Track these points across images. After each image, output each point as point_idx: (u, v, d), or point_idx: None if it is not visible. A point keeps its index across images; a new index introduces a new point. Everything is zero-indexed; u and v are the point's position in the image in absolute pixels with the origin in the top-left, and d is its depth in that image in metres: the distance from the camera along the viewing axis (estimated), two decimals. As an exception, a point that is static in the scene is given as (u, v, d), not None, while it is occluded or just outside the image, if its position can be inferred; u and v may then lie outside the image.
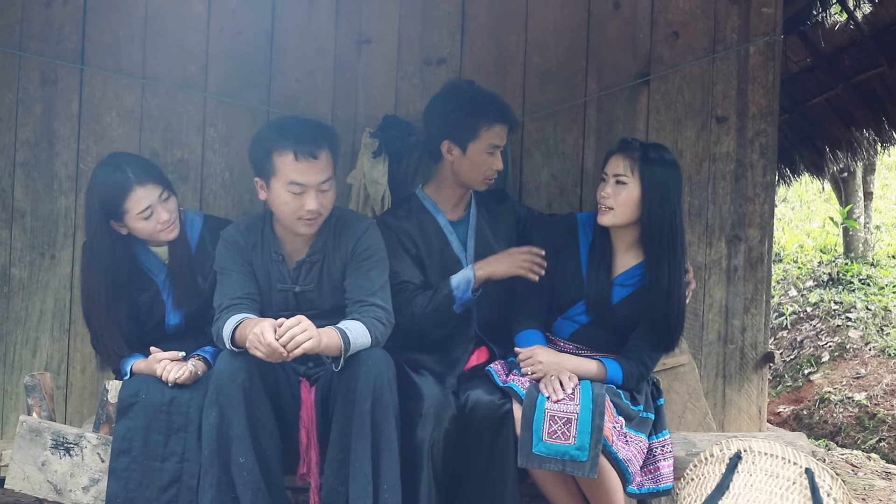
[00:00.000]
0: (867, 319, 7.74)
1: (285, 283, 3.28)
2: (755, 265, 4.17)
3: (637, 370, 3.29)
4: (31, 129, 4.00)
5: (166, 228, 3.29)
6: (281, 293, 3.28)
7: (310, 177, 3.10)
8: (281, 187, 3.12)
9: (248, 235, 3.29)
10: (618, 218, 3.27)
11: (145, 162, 3.39)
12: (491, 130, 3.39)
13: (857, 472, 5.23)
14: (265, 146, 3.15)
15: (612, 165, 3.30)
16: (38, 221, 4.01)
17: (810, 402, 6.93)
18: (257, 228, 3.31)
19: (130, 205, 3.23)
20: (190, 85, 4.03)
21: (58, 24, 4.00)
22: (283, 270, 3.29)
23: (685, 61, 4.16)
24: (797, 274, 9.32)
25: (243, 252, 3.26)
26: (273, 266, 3.28)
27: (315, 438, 3.15)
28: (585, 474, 2.98)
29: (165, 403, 3.06)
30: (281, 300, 3.29)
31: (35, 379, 3.24)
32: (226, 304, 3.15)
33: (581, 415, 2.99)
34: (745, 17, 4.18)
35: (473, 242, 3.57)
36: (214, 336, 3.13)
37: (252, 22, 4.05)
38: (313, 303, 3.27)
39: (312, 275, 3.28)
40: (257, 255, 3.28)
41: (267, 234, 3.29)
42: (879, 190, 11.53)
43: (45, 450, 3.11)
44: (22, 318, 4.02)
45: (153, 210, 3.25)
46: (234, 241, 3.27)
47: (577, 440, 2.98)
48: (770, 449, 3.02)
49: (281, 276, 3.29)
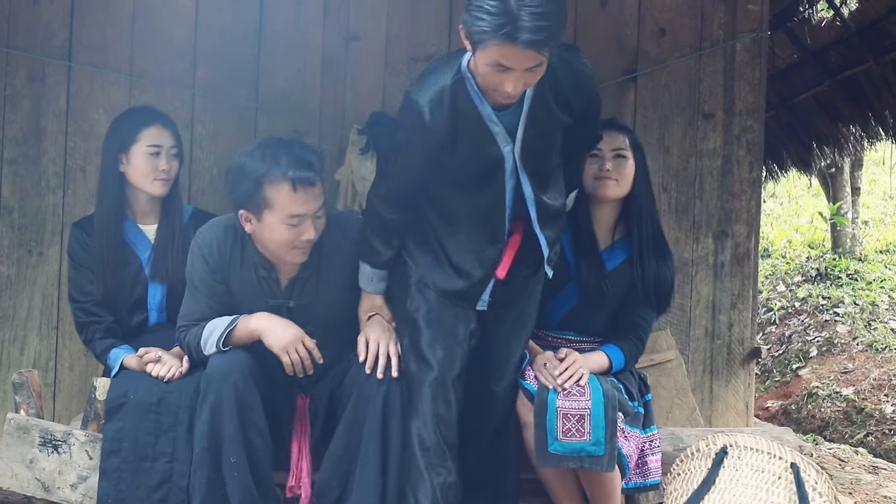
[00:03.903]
0: (855, 314, 7.78)
1: (277, 299, 3.07)
2: (742, 261, 4.19)
3: (635, 347, 3.31)
4: (19, 125, 4.00)
5: (160, 179, 3.32)
6: (272, 308, 3.06)
7: (309, 206, 2.88)
8: (277, 221, 2.89)
9: (226, 241, 3.06)
10: (622, 189, 3.30)
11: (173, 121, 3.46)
12: None
13: (844, 466, 5.25)
14: (255, 178, 2.87)
15: (609, 142, 3.34)
16: (25, 218, 4.01)
17: (798, 396, 6.96)
18: (237, 235, 3.06)
19: (144, 135, 3.29)
20: (178, 82, 4.02)
21: (45, 21, 3.99)
22: (272, 286, 3.07)
23: (672, 58, 4.18)
24: (785, 269, 9.35)
25: (217, 267, 3.05)
26: (260, 281, 3.07)
27: (307, 450, 3.12)
28: (604, 468, 2.98)
29: (154, 404, 3.05)
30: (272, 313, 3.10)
31: (23, 376, 3.24)
32: (183, 324, 3.09)
33: (594, 409, 2.99)
34: (732, 14, 4.20)
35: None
36: (185, 348, 3.09)
37: (240, 19, 4.05)
38: (310, 316, 3.06)
39: (308, 289, 3.08)
40: (236, 266, 3.06)
41: (249, 248, 3.05)
42: (867, 185, 11.57)
43: (33, 447, 3.10)
44: (10, 315, 4.02)
45: (160, 153, 3.30)
46: (209, 253, 3.05)
47: (593, 435, 2.98)
48: (756, 444, 3.03)
49: (271, 290, 3.07)
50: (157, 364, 3.15)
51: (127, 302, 3.39)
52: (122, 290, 3.38)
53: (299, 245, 2.93)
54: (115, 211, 3.34)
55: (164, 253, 3.37)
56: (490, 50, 2.49)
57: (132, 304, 3.40)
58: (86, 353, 3.95)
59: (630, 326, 3.34)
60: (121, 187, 3.34)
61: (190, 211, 3.51)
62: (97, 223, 3.36)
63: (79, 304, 3.37)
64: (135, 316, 3.41)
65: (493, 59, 2.51)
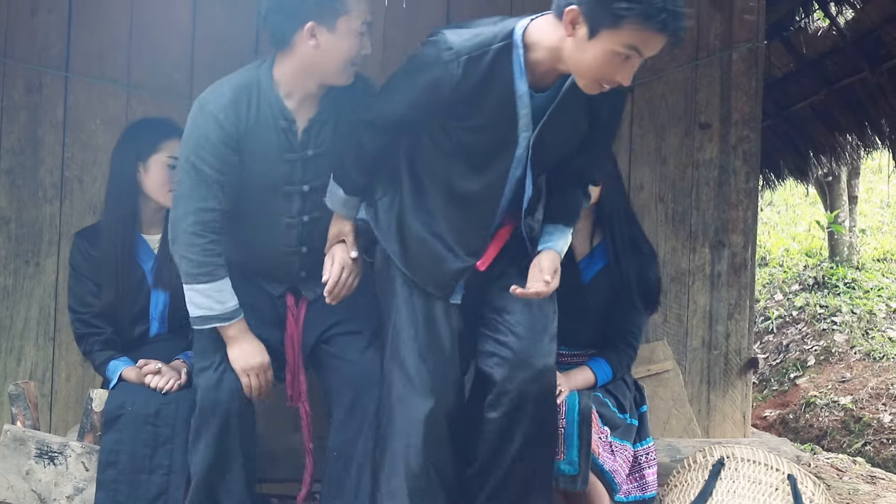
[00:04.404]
0: (852, 323, 7.79)
1: (294, 152, 2.93)
2: (739, 271, 4.19)
3: (626, 355, 3.32)
4: (16, 136, 4.00)
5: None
6: (287, 163, 2.93)
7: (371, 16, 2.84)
8: (350, 30, 2.79)
9: (241, 100, 2.88)
10: (592, 197, 3.30)
11: None
12: None
13: (842, 476, 5.25)
14: None
15: None
16: (22, 229, 4.00)
17: (796, 405, 6.96)
18: (250, 96, 2.88)
19: (165, 146, 3.31)
20: (175, 92, 4.02)
21: (43, 31, 3.99)
22: (290, 138, 2.92)
23: (668, 68, 4.18)
24: (783, 278, 9.36)
25: (232, 131, 2.86)
26: (279, 134, 2.90)
27: (301, 362, 3.10)
28: (577, 488, 2.99)
29: (151, 415, 3.06)
30: (285, 172, 2.95)
31: (19, 388, 3.24)
32: (197, 219, 2.89)
33: (567, 429, 3.00)
34: (728, 24, 4.20)
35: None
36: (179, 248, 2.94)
37: (237, 29, 4.05)
38: (322, 168, 2.94)
39: (324, 135, 2.95)
40: (252, 125, 2.88)
41: (266, 99, 2.89)
42: (864, 193, 11.60)
43: (30, 459, 3.10)
44: (6, 326, 4.01)
45: (177, 165, 3.28)
46: (225, 117, 2.85)
47: (567, 455, 2.99)
48: (753, 455, 3.04)
49: (288, 143, 2.92)
50: (156, 376, 3.15)
51: (130, 312, 3.39)
52: (126, 300, 3.38)
53: (357, 61, 2.87)
54: (128, 220, 3.34)
55: (170, 261, 3.38)
56: (628, 33, 2.35)
57: (135, 314, 3.40)
58: (82, 364, 3.95)
59: (619, 334, 3.34)
60: (135, 196, 3.35)
61: None
62: (106, 233, 3.35)
63: (78, 314, 3.37)
64: (137, 326, 3.41)
65: (627, 42, 2.37)
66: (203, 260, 2.88)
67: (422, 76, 2.63)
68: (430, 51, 2.59)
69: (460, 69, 2.54)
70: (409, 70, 2.70)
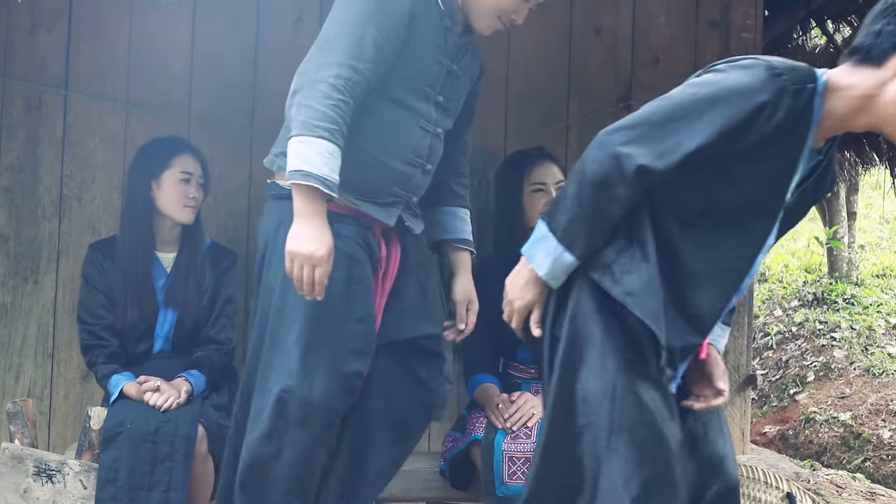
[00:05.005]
0: (852, 339, 7.78)
1: (447, 56, 2.74)
2: (737, 288, 4.19)
3: None
4: (15, 154, 4.01)
5: (190, 206, 3.39)
6: (438, 66, 2.74)
7: None
8: None
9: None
10: None
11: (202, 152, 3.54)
12: None
13: (841, 492, 5.24)
14: None
15: (550, 174, 3.41)
16: (21, 247, 4.01)
17: (796, 422, 6.95)
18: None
19: (176, 161, 3.38)
20: (173, 110, 4.03)
21: (42, 50, 4.01)
22: (448, 43, 2.74)
23: (666, 86, 4.18)
24: (782, 294, 9.36)
25: (411, 8, 2.62)
26: (441, 33, 2.72)
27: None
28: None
29: (151, 433, 3.06)
30: (434, 74, 2.74)
31: (17, 405, 3.23)
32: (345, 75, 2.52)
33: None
34: (725, 42, 4.22)
35: None
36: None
37: (236, 48, 4.07)
38: (454, 92, 2.80)
39: (467, 59, 2.83)
40: (423, 18, 2.66)
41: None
42: (863, 209, 11.61)
43: (28, 477, 3.10)
44: (5, 343, 4.01)
45: (190, 180, 3.39)
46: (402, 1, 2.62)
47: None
48: (751, 473, 3.03)
49: (446, 48, 2.74)
50: (156, 393, 3.15)
51: (137, 329, 3.40)
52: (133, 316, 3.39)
53: (506, 21, 2.75)
54: (145, 239, 3.37)
55: (184, 281, 3.39)
56: None
57: (141, 331, 3.41)
58: (81, 381, 3.95)
59: None
60: (150, 214, 3.38)
61: (208, 243, 3.53)
62: (123, 251, 3.38)
63: (87, 325, 3.38)
64: (141, 343, 3.42)
65: None
66: (331, 115, 2.47)
67: (738, 101, 2.13)
68: (752, 71, 2.15)
69: (789, 99, 2.11)
70: (714, 93, 2.18)
